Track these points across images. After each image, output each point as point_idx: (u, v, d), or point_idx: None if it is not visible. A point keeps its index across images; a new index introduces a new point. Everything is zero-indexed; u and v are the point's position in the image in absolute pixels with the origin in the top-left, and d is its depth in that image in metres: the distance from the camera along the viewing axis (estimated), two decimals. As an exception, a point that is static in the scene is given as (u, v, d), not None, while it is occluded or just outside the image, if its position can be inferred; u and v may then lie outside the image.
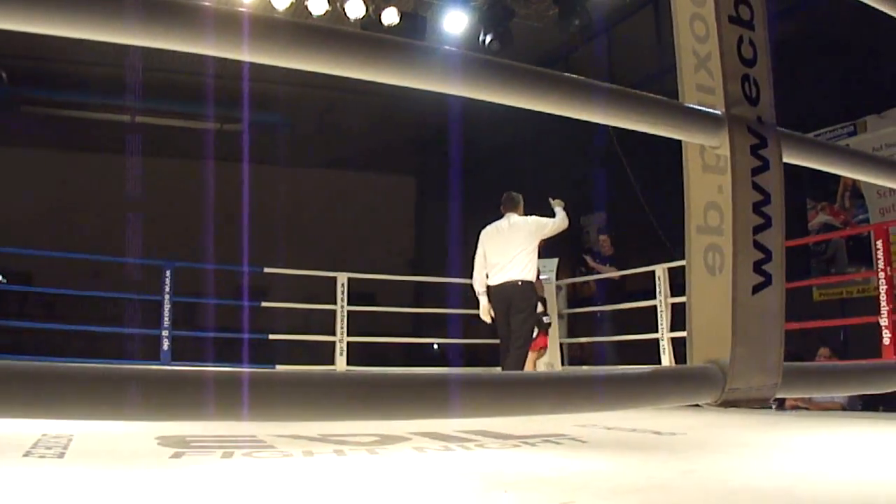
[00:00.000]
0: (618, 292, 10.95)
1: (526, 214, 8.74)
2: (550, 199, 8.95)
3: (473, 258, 8.81)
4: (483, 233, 8.75)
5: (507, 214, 8.68)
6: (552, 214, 8.76)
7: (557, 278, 11.68)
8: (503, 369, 8.67)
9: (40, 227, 15.83)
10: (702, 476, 3.27)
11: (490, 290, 8.64)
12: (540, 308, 9.99)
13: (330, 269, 10.84)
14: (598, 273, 11.48)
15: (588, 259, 11.63)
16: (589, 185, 14.60)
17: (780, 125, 1.67)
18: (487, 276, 8.65)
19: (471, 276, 8.83)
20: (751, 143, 1.59)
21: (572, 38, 13.36)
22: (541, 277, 10.36)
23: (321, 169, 20.29)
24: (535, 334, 9.31)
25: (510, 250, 8.47)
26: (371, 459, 3.72)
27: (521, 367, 8.54)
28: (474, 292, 8.86)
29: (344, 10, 12.13)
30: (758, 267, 1.56)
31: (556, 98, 1.48)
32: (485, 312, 8.78)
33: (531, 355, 9.41)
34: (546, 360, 10.38)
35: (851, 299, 10.17)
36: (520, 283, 8.46)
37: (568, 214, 8.79)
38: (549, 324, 10.58)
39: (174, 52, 1.23)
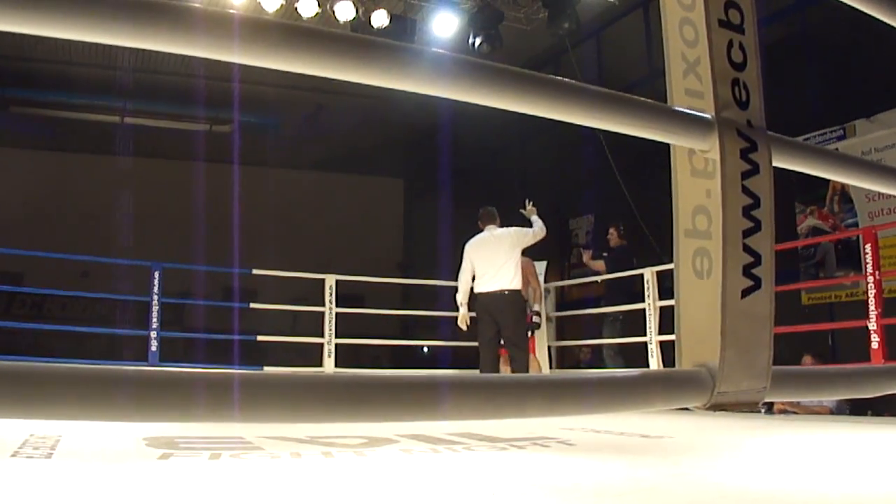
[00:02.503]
0: (622, 293, 10.81)
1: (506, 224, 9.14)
2: (522, 210, 9.17)
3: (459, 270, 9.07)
4: (468, 245, 9.04)
5: (488, 227, 9.02)
6: (530, 223, 9.01)
7: (546, 281, 11.66)
8: (481, 373, 8.79)
9: (29, 226, 15.81)
10: (690, 479, 3.27)
11: (478, 298, 8.93)
12: (537, 307, 10.21)
13: (318, 270, 10.82)
14: (591, 269, 11.40)
15: (585, 254, 11.54)
16: (577, 188, 14.64)
17: (769, 129, 1.67)
18: (474, 286, 8.96)
19: (458, 279, 8.99)
20: (741, 147, 1.59)
21: (562, 41, 13.36)
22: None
23: (310, 170, 20.31)
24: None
25: (497, 261, 8.78)
26: (358, 461, 3.72)
27: (526, 369, 8.88)
28: (455, 301, 9.18)
29: (333, 12, 12.13)
30: (747, 271, 1.56)
31: (544, 101, 1.48)
32: (462, 321, 9.16)
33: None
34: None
35: (840, 303, 10.19)
36: (508, 292, 8.76)
37: (543, 220, 9.01)
38: (538, 325, 10.63)
39: (164, 54, 1.24)
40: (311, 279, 10.90)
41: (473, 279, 8.92)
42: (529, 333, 9.82)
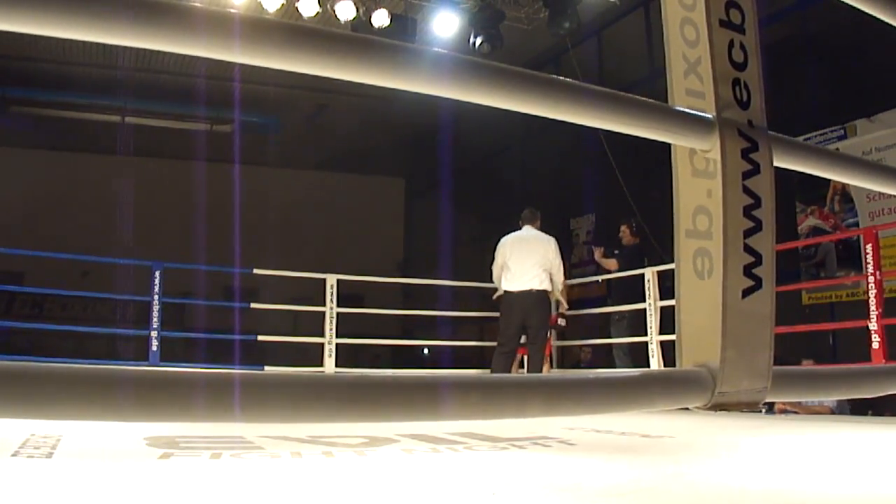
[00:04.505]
0: (630, 292, 10.70)
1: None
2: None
3: (491, 264, 9.43)
4: (502, 242, 9.31)
5: (526, 227, 9.31)
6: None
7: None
8: (492, 370, 8.88)
9: (30, 226, 15.82)
10: (690, 479, 3.27)
11: (505, 296, 9.20)
12: (564, 307, 10.32)
13: (319, 270, 10.80)
14: (603, 267, 11.32)
15: (596, 252, 11.45)
16: (578, 187, 14.64)
17: (770, 129, 1.67)
18: (502, 284, 9.25)
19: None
20: (742, 147, 1.58)
21: (562, 41, 13.36)
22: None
23: (311, 170, 20.32)
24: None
25: (529, 260, 9.06)
26: (359, 461, 3.72)
27: (540, 368, 9.19)
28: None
29: (334, 12, 12.12)
30: (748, 271, 1.56)
31: (545, 100, 1.48)
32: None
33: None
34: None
35: (841, 303, 10.20)
36: (536, 291, 9.03)
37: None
38: (564, 326, 10.73)
39: (165, 53, 1.24)
40: (311, 279, 10.89)
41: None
42: (549, 334, 9.95)
